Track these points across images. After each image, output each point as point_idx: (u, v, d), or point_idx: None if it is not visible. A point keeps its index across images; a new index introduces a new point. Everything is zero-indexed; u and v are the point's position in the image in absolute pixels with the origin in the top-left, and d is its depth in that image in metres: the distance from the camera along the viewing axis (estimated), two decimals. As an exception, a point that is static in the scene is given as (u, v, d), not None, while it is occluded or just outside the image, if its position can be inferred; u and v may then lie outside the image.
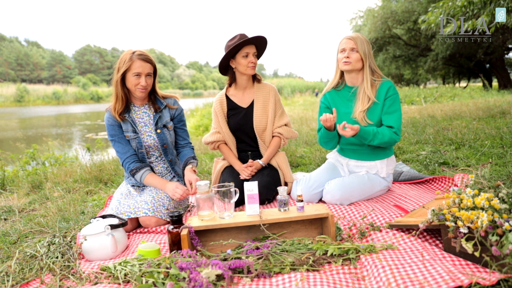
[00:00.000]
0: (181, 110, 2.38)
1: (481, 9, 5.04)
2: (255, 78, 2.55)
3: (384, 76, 2.23)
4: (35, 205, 2.85)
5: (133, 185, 2.31)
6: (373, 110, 2.16)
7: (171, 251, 1.61)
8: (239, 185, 2.30)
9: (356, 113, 2.17)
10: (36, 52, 64.69)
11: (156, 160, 2.31)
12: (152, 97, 2.28)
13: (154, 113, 2.26)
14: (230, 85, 2.56)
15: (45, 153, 5.58)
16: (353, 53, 2.14)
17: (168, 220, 2.10)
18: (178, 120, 2.36)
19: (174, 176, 2.35)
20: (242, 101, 2.54)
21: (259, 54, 2.47)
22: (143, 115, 2.27)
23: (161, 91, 2.31)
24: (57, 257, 1.63)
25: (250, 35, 2.36)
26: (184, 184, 2.28)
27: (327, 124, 2.07)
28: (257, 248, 1.49)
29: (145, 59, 2.12)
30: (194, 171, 2.23)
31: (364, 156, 2.25)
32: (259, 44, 2.42)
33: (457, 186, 2.15)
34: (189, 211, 2.35)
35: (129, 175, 2.24)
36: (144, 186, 2.29)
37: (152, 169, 2.26)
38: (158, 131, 2.25)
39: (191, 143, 2.42)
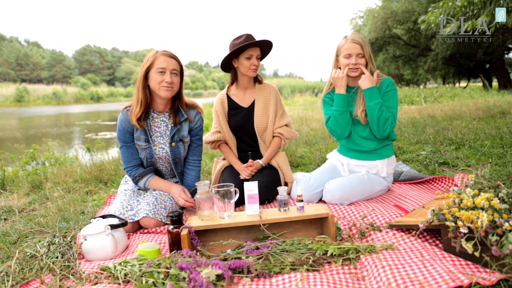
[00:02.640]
0: (201, 124, 2.21)
1: (481, 9, 5.04)
2: (256, 79, 2.55)
3: (384, 75, 2.23)
4: (35, 205, 2.85)
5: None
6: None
7: (171, 251, 1.61)
8: (239, 185, 2.29)
9: (358, 112, 2.17)
10: (36, 52, 64.70)
11: (166, 170, 2.23)
12: (176, 105, 2.10)
13: (173, 125, 2.10)
14: (232, 83, 2.56)
15: (45, 153, 5.58)
16: (360, 59, 2.12)
17: (168, 222, 2.09)
18: (195, 134, 2.21)
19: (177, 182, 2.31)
20: (243, 101, 2.55)
21: (262, 57, 2.47)
22: (160, 124, 2.13)
23: (186, 98, 2.14)
24: (57, 257, 1.63)
25: (252, 35, 2.36)
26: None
27: (338, 79, 2.11)
28: (257, 248, 1.49)
29: (170, 55, 1.97)
30: None
31: (364, 155, 2.25)
32: (264, 47, 2.42)
33: (457, 186, 2.15)
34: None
35: (132, 181, 2.21)
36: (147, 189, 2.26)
37: (155, 173, 2.21)
38: (173, 144, 2.11)
39: (201, 160, 2.29)
